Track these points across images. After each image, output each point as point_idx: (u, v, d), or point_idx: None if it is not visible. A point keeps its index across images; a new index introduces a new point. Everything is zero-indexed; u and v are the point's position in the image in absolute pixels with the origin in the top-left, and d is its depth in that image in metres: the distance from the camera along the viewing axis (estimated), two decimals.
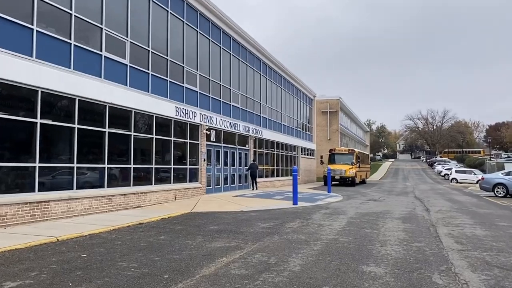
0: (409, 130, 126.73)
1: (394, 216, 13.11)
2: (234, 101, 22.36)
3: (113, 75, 13.03)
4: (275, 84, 29.52)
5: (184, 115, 16.81)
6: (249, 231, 9.61)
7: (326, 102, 54.15)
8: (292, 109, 33.76)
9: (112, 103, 12.75)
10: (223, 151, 20.84)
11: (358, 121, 79.95)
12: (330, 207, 15.69)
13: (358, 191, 26.39)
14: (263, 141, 26.62)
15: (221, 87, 20.74)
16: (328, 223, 11.08)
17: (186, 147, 17.33)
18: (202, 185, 18.30)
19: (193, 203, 15.31)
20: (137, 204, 13.78)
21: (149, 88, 14.81)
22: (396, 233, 9.69)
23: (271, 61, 28.19)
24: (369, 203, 17.62)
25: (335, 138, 55.10)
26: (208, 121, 18.86)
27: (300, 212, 13.80)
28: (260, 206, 15.18)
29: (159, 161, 15.44)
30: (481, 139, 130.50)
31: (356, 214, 13.30)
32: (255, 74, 25.63)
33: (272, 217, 12.28)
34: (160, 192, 15.09)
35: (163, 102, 15.51)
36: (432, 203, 18.14)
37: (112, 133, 12.83)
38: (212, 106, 19.62)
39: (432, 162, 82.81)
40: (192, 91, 17.90)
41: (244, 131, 23.19)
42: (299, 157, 34.99)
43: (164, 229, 9.79)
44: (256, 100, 25.71)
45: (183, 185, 16.81)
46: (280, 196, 19.39)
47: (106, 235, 8.95)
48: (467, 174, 44.18)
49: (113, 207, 12.67)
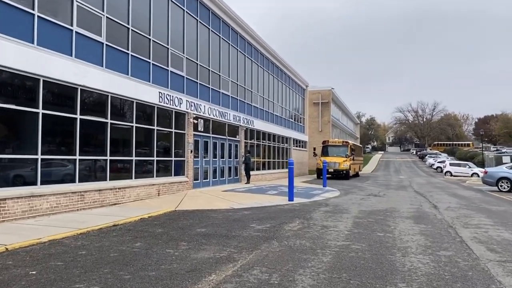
0: (399, 123, 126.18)
1: (403, 215, 11.76)
2: (224, 89, 20.78)
3: (86, 53, 11.37)
4: (267, 71, 27.96)
5: (168, 102, 15.20)
6: (243, 235, 8.15)
7: (318, 93, 52.69)
8: (284, 99, 32.27)
9: (85, 85, 11.10)
10: (211, 142, 19.29)
11: (349, 113, 78.90)
12: (330, 203, 14.30)
13: (354, 185, 25.11)
14: (254, 132, 25.12)
15: (210, 72, 19.13)
16: (333, 224, 9.67)
17: (171, 137, 15.75)
18: (189, 179, 16.76)
19: (178, 199, 13.78)
20: (115, 201, 12.22)
21: (128, 71, 13.17)
22: (414, 237, 8.31)
23: (263, 47, 26.59)
24: (370, 199, 16.29)
25: (326, 130, 53.83)
26: (195, 109, 17.28)
27: (298, 210, 12.37)
28: (253, 202, 13.72)
29: (140, 153, 13.85)
30: (470, 132, 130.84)
31: (360, 213, 11.93)
32: (246, 60, 24.04)
33: (268, 216, 10.83)
34: (142, 187, 13.52)
35: (145, 87, 13.88)
36: (437, 199, 16.89)
37: (85, 120, 11.20)
38: (200, 93, 18.02)
39: (423, 154, 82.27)
40: (178, 76, 16.28)
41: (234, 121, 21.65)
42: (291, 149, 33.59)
43: (142, 232, 8.27)
44: (247, 88, 24.15)
45: (167, 179, 15.26)
46: (274, 191, 17.96)
47: (70, 241, 7.40)
48: (461, 167, 43.38)
49: (86, 205, 11.09)
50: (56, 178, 10.49)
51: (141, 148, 14.09)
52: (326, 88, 53.82)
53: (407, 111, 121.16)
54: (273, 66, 29.38)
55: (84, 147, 11.30)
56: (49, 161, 10.23)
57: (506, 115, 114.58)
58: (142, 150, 14.07)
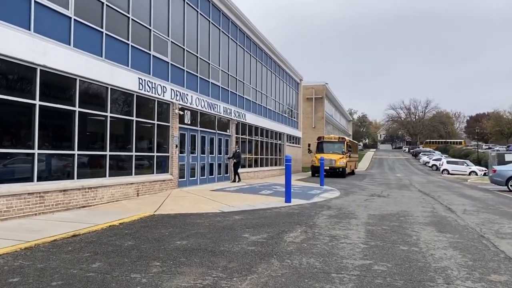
0: (391, 120, 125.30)
1: (419, 220, 10.16)
2: (214, 78, 19.01)
3: (48, 28, 9.54)
4: (259, 62, 26.21)
5: (150, 90, 13.41)
6: (234, 250, 6.45)
7: (311, 88, 51.03)
8: (278, 93, 30.56)
9: (45, 65, 9.28)
10: (199, 136, 17.53)
11: (342, 109, 77.49)
12: (332, 206, 12.66)
13: (352, 184, 23.53)
14: (246, 126, 23.39)
15: (198, 60, 17.34)
16: (342, 234, 8.01)
17: (153, 130, 13.95)
18: (174, 177, 14.99)
19: (159, 201, 12.03)
20: (84, 203, 10.42)
21: (102, 52, 11.36)
22: (447, 252, 6.69)
23: (256, 35, 24.83)
24: (375, 200, 14.69)
25: (320, 126, 52.25)
26: (181, 99, 15.49)
27: (298, 214, 10.69)
28: (245, 204, 12.02)
29: (116, 147, 12.06)
30: (461, 130, 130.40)
31: (370, 218, 10.29)
32: (238, 49, 22.27)
33: (263, 222, 9.13)
34: (117, 186, 11.73)
35: (122, 71, 12.07)
36: (448, 200, 15.35)
37: (45, 107, 9.39)
38: (186, 81, 16.23)
39: (416, 152, 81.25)
40: (162, 61, 14.48)
41: (225, 114, 19.89)
42: (284, 145, 31.93)
43: (106, 246, 6.53)
44: (239, 79, 22.39)
45: (148, 177, 13.47)
46: (268, 190, 16.26)
47: (6, 260, 5.63)
48: (459, 165, 42.18)
49: (47, 208, 9.29)
50: (8, 176, 8.67)
51: (117, 142, 12.31)
52: (320, 83, 52.21)
53: (400, 108, 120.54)
54: (266, 57, 27.64)
55: (45, 140, 9.50)
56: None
57: (498, 113, 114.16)
58: (118, 144, 12.28)
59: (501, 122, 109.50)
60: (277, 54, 29.36)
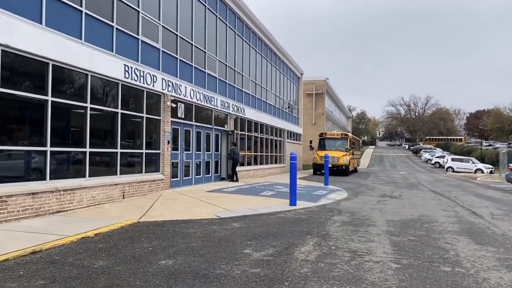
0: (391, 117, 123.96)
1: (447, 227, 8.76)
2: (211, 69, 17.53)
3: (13, 3, 8.06)
4: (259, 54, 24.72)
5: (138, 79, 11.94)
6: (233, 273, 5.02)
7: (311, 83, 49.56)
8: (278, 87, 29.08)
9: (8, 45, 7.80)
10: (195, 131, 16.06)
11: (342, 105, 76.06)
12: (343, 209, 11.25)
13: (358, 183, 22.14)
14: (245, 122, 21.93)
15: (193, 48, 15.86)
16: (364, 248, 6.59)
17: (141, 124, 12.49)
18: (165, 176, 13.53)
19: (148, 204, 10.59)
20: (58, 207, 8.97)
21: (81, 33, 9.88)
22: (501, 274, 5.29)
23: (256, 25, 23.34)
24: (388, 202, 13.29)
25: (320, 123, 50.86)
26: (174, 90, 14.02)
27: (306, 220, 9.27)
28: (245, 208, 10.60)
29: (97, 143, 10.60)
30: (461, 127, 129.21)
31: (390, 224, 8.89)
32: (236, 38, 20.78)
33: (268, 232, 7.71)
34: (99, 188, 10.28)
35: (105, 57, 10.60)
36: (467, 202, 13.97)
37: (10, 95, 7.93)
38: (180, 71, 14.76)
39: (417, 149, 79.96)
40: (151, 48, 13.01)
41: (222, 108, 18.44)
42: (285, 142, 30.50)
43: (70, 269, 5.09)
44: (238, 70, 20.92)
45: (136, 177, 12.02)
46: (270, 191, 14.83)
47: None
48: (464, 162, 40.87)
49: (11, 215, 7.84)
50: None
51: (100, 137, 10.85)
52: (320, 78, 50.74)
53: (399, 105, 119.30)
54: (266, 49, 26.15)
55: (9, 135, 8.05)
56: None
57: (499, 109, 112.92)
58: (100, 139, 10.83)
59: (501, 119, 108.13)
60: (278, 45, 27.87)
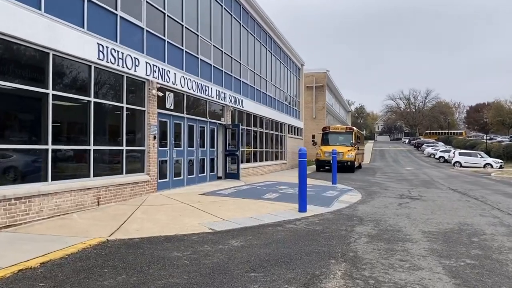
0: (390, 111, 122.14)
1: (503, 242, 6.89)
2: (204, 55, 15.55)
3: None
4: (258, 41, 22.72)
5: (116, 61, 9.97)
6: None
7: (311, 75, 47.62)
8: (278, 78, 27.09)
9: None
10: (186, 124, 14.11)
11: (342, 99, 74.18)
12: (363, 216, 9.35)
13: (367, 181, 20.26)
14: (243, 114, 19.98)
15: (183, 30, 13.88)
16: (413, 280, 4.70)
17: (120, 116, 10.52)
18: (151, 177, 11.59)
19: (127, 213, 8.67)
20: (8, 221, 7.03)
21: (40, 2, 7.90)
22: None
23: (255, 9, 21.32)
24: (411, 205, 11.41)
25: (321, 117, 49.00)
26: (160, 76, 12.06)
27: (322, 233, 7.37)
28: (245, 217, 8.69)
29: (63, 139, 8.65)
30: (461, 120, 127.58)
31: (429, 238, 7.01)
32: (233, 22, 18.79)
33: (277, 255, 5.80)
34: (66, 194, 8.34)
35: (74, 32, 8.63)
36: (501, 204, 12.12)
37: None
38: (168, 55, 12.78)
39: (418, 143, 78.07)
40: (133, 26, 11.03)
41: (218, 99, 16.48)
42: (285, 136, 28.58)
43: None
44: (235, 58, 18.94)
45: (115, 179, 10.06)
46: (273, 193, 12.93)
47: None
48: (472, 157, 39.07)
49: None
50: None
51: (66, 131, 8.91)
52: (320, 70, 48.81)
53: (399, 98, 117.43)
54: (265, 36, 24.14)
55: None
56: None
57: (499, 102, 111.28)
58: (67, 134, 8.88)
59: (502, 112, 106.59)
60: (278, 33, 25.84)
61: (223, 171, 17.18)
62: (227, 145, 17.30)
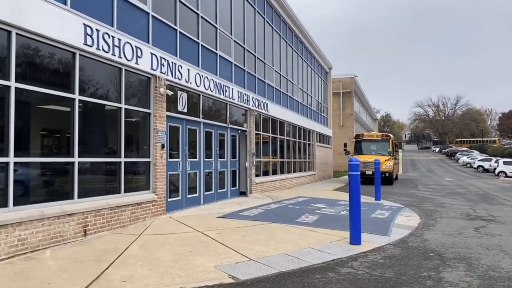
0: (419, 119, 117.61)
1: None
2: (224, 51, 13.37)
3: None
4: (284, 40, 20.45)
5: (110, 49, 7.82)
6: None
7: (338, 81, 44.98)
8: (305, 81, 24.71)
9: None
10: (203, 130, 11.86)
11: (369, 106, 71.11)
12: (440, 250, 6.80)
13: (413, 195, 17.53)
14: (268, 120, 17.67)
15: (199, 19, 11.74)
16: None
17: (117, 120, 8.34)
18: (159, 195, 9.33)
19: (118, 248, 6.40)
20: None
21: None
22: None
23: (280, 5, 19.12)
24: (491, 230, 8.76)
25: (349, 124, 46.32)
26: (171, 72, 9.88)
27: (396, 284, 4.90)
28: (279, 254, 6.29)
29: (33, 148, 6.50)
30: (493, 128, 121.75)
31: None
32: (256, 17, 16.59)
33: None
34: (35, 222, 6.14)
35: (48, 8, 6.52)
36: None
37: None
38: (181, 48, 10.62)
39: (451, 152, 73.95)
40: (135, 9, 8.91)
41: (240, 101, 14.22)
42: (314, 145, 26.04)
43: None
44: (259, 57, 16.70)
45: (108, 200, 7.83)
46: (309, 214, 10.46)
47: None
48: None
49: None
50: None
51: (40, 138, 6.76)
52: (348, 75, 46.18)
53: (427, 105, 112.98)
54: (292, 35, 21.87)
55: None
56: None
57: None
58: (41, 144, 6.73)
59: None
60: (305, 32, 23.50)
61: (246, 185, 14.82)
62: (250, 155, 14.96)
